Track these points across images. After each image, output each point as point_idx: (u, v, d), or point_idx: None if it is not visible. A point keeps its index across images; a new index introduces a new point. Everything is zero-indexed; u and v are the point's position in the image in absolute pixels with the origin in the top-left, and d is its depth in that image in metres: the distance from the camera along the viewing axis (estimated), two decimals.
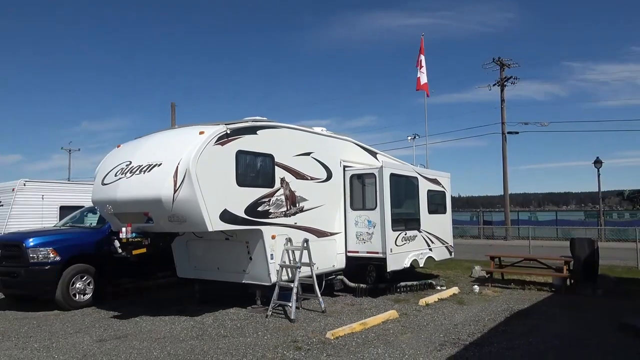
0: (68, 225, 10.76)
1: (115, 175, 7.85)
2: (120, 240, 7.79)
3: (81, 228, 10.35)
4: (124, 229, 7.64)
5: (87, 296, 9.10)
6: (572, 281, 10.81)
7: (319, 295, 8.45)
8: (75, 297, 8.93)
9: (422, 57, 21.77)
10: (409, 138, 18.16)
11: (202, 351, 6.19)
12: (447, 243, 12.28)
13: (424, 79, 21.73)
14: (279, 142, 8.59)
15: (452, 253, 12.61)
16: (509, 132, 31.63)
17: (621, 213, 42.60)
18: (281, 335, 6.87)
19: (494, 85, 32.10)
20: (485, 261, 15.56)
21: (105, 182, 8.03)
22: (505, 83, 31.81)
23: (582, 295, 10.17)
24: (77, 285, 8.96)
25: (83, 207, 11.94)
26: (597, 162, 30.01)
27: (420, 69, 21.69)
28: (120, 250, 7.89)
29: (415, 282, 10.70)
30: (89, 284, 9.14)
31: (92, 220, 10.77)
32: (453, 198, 13.22)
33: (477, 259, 16.90)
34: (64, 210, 13.65)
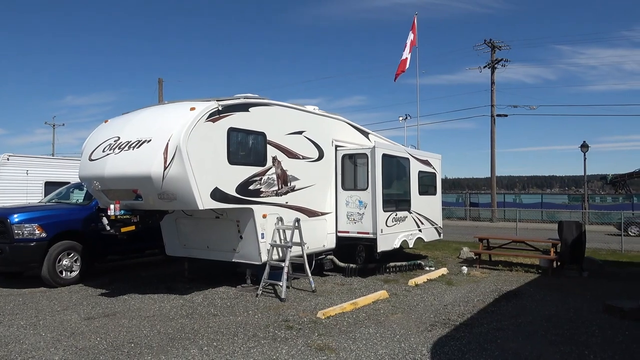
0: (54, 201, 10.56)
1: (103, 151, 7.66)
2: (108, 217, 7.64)
3: (67, 204, 10.16)
4: (112, 206, 7.49)
5: (74, 273, 8.98)
6: (559, 263, 10.95)
7: (310, 274, 8.44)
8: (62, 274, 8.81)
9: (411, 38, 21.16)
10: (401, 118, 18.03)
11: (192, 330, 6.14)
12: (437, 224, 12.33)
13: (405, 64, 20.93)
14: (271, 120, 8.45)
15: (441, 234, 12.67)
16: (498, 115, 31.76)
17: (603, 197, 43.25)
18: (272, 315, 6.85)
19: (484, 67, 32.11)
20: (472, 242, 15.74)
21: (92, 157, 7.84)
22: (496, 65, 31.79)
23: (569, 277, 10.33)
24: (64, 262, 8.82)
25: (69, 183, 11.72)
26: (584, 146, 30.24)
27: (404, 51, 20.89)
28: (108, 228, 7.74)
29: (404, 263, 10.75)
30: (75, 261, 9.01)
31: (78, 196, 10.58)
32: None
33: (464, 240, 17.09)
34: (49, 186, 13.39)
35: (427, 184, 11.99)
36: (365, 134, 11.21)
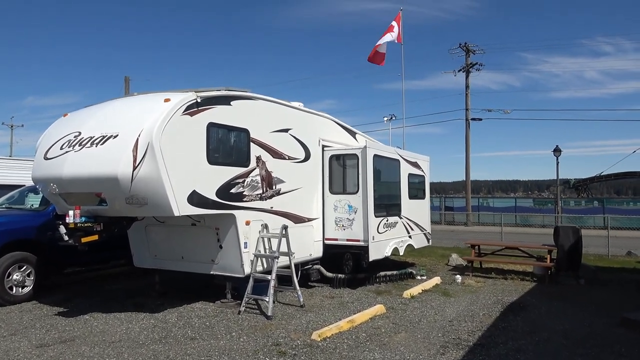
0: (4, 206, 9.36)
1: (61, 149, 6.62)
2: (66, 225, 6.58)
3: (20, 210, 9.00)
4: (71, 213, 6.44)
5: (27, 289, 7.83)
6: (553, 270, 10.44)
7: (298, 287, 7.59)
8: (12, 290, 7.65)
9: (397, 30, 20.26)
10: (386, 119, 17.34)
11: (167, 358, 5.20)
12: (426, 230, 11.67)
13: (382, 48, 19.93)
14: (255, 115, 7.58)
15: (430, 240, 12.03)
16: (472, 119, 31.68)
17: (566, 201, 44.06)
18: (259, 337, 5.97)
19: (459, 70, 32.01)
20: (458, 248, 15.24)
21: (48, 156, 6.79)
22: (470, 69, 31.72)
23: (565, 285, 9.83)
24: (15, 277, 7.67)
25: (23, 186, 10.50)
26: (557, 151, 30.38)
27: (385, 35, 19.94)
28: (66, 238, 6.68)
29: (395, 272, 10.02)
30: (28, 275, 7.86)
31: (33, 201, 9.40)
32: None
33: (448, 245, 16.56)
34: (1, 189, 12.07)
35: (416, 188, 11.33)
36: (353, 134, 10.45)
